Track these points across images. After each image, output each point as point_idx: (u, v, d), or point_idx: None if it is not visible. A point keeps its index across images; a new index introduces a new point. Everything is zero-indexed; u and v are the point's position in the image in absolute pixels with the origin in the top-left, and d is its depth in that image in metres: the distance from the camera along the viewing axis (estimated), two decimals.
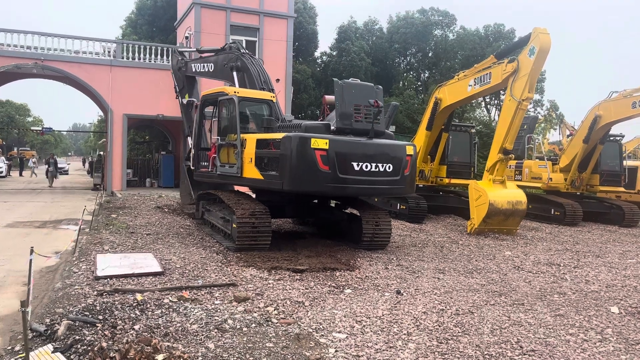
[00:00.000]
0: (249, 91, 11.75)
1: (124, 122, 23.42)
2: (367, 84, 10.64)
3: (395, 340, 5.51)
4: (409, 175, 10.60)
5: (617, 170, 19.81)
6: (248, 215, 9.91)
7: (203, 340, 5.11)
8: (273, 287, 7.44)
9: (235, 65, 12.41)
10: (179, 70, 15.93)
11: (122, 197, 19.45)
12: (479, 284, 8.32)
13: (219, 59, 13.40)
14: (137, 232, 11.54)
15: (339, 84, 10.07)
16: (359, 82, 10.63)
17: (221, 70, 13.13)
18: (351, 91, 10.09)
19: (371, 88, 10.44)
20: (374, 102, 9.90)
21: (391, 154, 10.19)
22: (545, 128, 40.89)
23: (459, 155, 18.63)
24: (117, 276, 7.47)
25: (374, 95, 10.26)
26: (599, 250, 12.41)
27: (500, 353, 5.27)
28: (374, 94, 10.31)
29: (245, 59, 12.45)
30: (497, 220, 13.83)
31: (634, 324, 6.45)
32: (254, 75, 12.04)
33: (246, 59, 12.48)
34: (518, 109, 13.46)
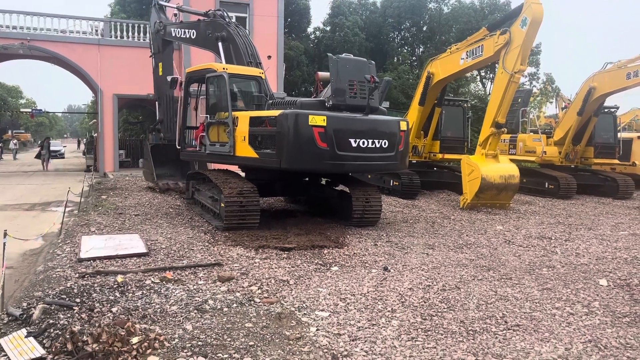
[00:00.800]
0: (237, 67, 11.49)
1: (115, 103, 23.15)
2: (361, 59, 10.43)
3: (378, 317, 5.44)
4: (403, 151, 10.51)
5: (612, 142, 19.68)
6: (236, 194, 9.79)
7: (181, 322, 5.03)
8: (259, 266, 7.35)
9: (220, 36, 11.97)
10: (156, 33, 15.21)
11: (113, 178, 19.32)
12: (468, 259, 8.25)
13: (201, 26, 12.83)
14: (125, 213, 11.43)
15: (333, 59, 9.87)
16: (353, 57, 10.42)
17: (204, 39, 12.66)
18: (346, 66, 9.90)
19: (365, 63, 10.25)
20: (370, 78, 9.71)
21: (386, 130, 10.08)
22: (541, 101, 40.61)
23: (452, 130, 18.44)
24: (101, 258, 7.38)
25: (368, 70, 10.07)
26: (592, 223, 12.35)
27: (485, 328, 5.20)
28: (368, 69, 10.11)
29: (232, 30, 12.02)
30: (490, 194, 13.74)
31: (622, 297, 6.40)
32: (241, 48, 11.70)
33: (232, 29, 12.04)
34: (510, 81, 13.25)
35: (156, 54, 15.48)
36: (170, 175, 15.48)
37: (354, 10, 41.60)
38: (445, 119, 18.15)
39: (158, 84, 15.48)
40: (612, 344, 4.85)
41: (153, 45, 15.65)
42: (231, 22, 12.46)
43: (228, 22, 12.27)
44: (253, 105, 10.87)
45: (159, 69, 15.43)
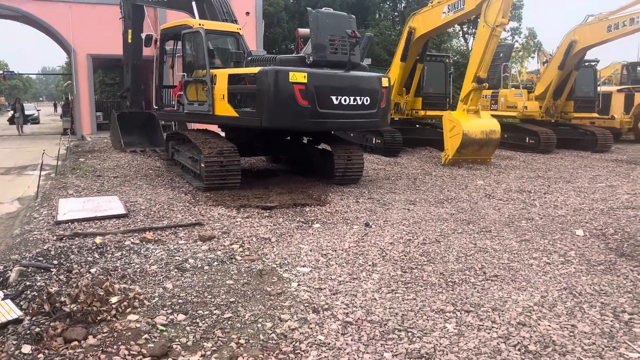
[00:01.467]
0: (214, 23, 11.17)
1: (89, 63, 22.47)
2: (341, 14, 10.19)
3: (359, 271, 5.48)
4: (385, 108, 10.40)
5: (592, 96, 19.77)
6: (216, 153, 9.67)
7: (161, 281, 5.01)
8: (240, 225, 7.33)
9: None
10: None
11: (91, 141, 18.96)
12: (449, 214, 8.32)
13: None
14: (104, 176, 11.26)
15: (313, 14, 9.60)
16: (334, 11, 10.16)
17: (177, 0, 12.30)
18: (326, 21, 9.64)
19: (346, 18, 10.00)
20: (351, 33, 9.49)
21: (368, 86, 9.93)
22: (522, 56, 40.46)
23: (434, 87, 18.32)
24: (79, 220, 7.28)
25: (349, 25, 9.82)
26: (570, 176, 12.51)
27: (464, 280, 5.28)
28: (349, 24, 9.87)
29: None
30: (471, 150, 13.79)
31: (597, 246, 6.52)
32: (216, 6, 11.37)
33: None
34: (492, 35, 13.10)
35: (126, 19, 14.90)
36: (138, 143, 15.32)
37: None
38: (427, 75, 17.99)
39: (126, 50, 15.00)
40: (586, 291, 4.96)
41: (123, 10, 15.06)
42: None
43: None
44: (231, 62, 10.63)
45: (128, 35, 14.89)
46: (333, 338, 3.96)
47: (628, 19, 15.73)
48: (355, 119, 9.86)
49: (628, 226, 7.40)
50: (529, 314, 4.43)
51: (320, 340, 3.91)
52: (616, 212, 8.37)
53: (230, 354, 3.69)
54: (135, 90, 15.50)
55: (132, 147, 15.07)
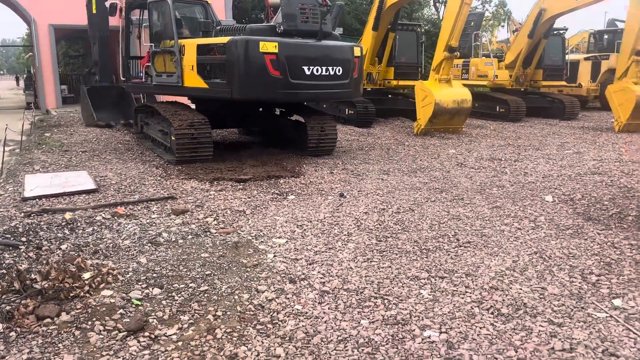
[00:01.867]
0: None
1: (51, 34, 21.62)
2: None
3: (335, 241, 5.51)
4: (357, 78, 10.31)
5: (560, 64, 20.02)
6: (186, 126, 9.50)
7: (135, 255, 4.94)
8: (214, 198, 7.26)
9: None
10: None
11: (57, 115, 18.39)
12: (422, 182, 8.40)
13: None
14: (71, 150, 10.97)
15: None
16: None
17: None
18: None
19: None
20: (322, 1, 9.34)
21: (340, 56, 9.78)
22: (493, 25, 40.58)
23: (406, 56, 18.25)
24: (47, 196, 7.09)
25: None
26: (539, 144, 12.73)
27: (437, 247, 5.36)
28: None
29: None
30: (443, 119, 13.88)
31: (566, 211, 6.69)
32: None
33: None
34: (463, 4, 13.06)
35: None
36: (110, 118, 14.86)
37: None
38: (399, 45, 17.89)
39: (92, 22, 14.43)
40: (555, 255, 5.09)
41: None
42: None
43: None
44: (200, 32, 10.37)
45: (92, 5, 14.29)
46: (310, 307, 3.98)
47: None
48: (327, 89, 9.75)
49: (594, 191, 7.60)
50: (501, 278, 4.53)
51: (298, 310, 3.93)
52: (583, 178, 8.58)
53: (208, 326, 3.68)
54: (105, 64, 14.99)
55: (105, 121, 14.63)
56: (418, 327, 3.68)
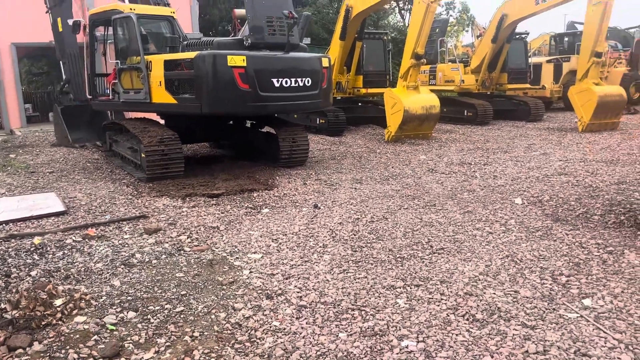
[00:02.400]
0: (146, 7, 10.76)
1: (13, 53, 21.13)
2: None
3: (310, 254, 5.52)
4: (326, 88, 10.41)
5: (523, 67, 20.54)
6: (156, 142, 9.40)
7: (108, 278, 4.86)
8: (187, 215, 7.20)
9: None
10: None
11: (21, 135, 17.96)
12: (394, 190, 8.49)
13: None
14: (38, 172, 10.72)
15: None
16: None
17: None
18: (262, 2, 9.45)
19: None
20: (288, 13, 9.38)
21: (308, 67, 9.87)
22: (457, 31, 41.36)
23: (374, 64, 18.46)
24: (14, 221, 6.91)
25: (286, 5, 9.69)
26: (507, 146, 13.01)
27: (412, 254, 5.42)
28: (285, 4, 9.72)
29: None
30: (413, 126, 14.05)
31: (535, 213, 6.85)
32: None
33: None
34: (427, 11, 13.29)
35: (53, 8, 14.00)
36: (87, 139, 14.35)
37: None
38: (366, 53, 18.09)
39: (60, 41, 14.13)
40: (526, 257, 5.21)
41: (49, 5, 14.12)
42: None
43: None
44: (166, 47, 10.30)
45: (58, 25, 14.01)
46: (288, 323, 3.98)
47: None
48: (297, 100, 9.79)
49: (562, 192, 7.80)
50: (475, 283, 4.61)
51: (276, 327, 3.93)
52: (550, 179, 8.80)
53: (185, 348, 3.64)
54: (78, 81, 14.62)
55: (81, 143, 14.15)
56: (395, 337, 3.72)
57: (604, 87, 15.46)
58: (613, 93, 15.30)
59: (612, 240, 5.62)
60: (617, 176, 8.81)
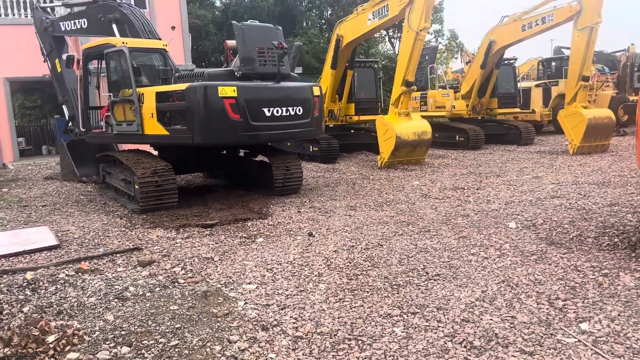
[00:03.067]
0: (138, 41, 10.89)
1: (6, 87, 21.25)
2: (267, 26, 10.20)
3: (306, 283, 5.48)
4: (318, 117, 10.51)
5: (513, 92, 20.85)
6: (150, 173, 9.41)
7: (101, 313, 4.80)
8: (181, 246, 7.16)
9: (114, 17, 11.32)
10: (44, 31, 13.92)
11: (14, 169, 17.92)
12: (389, 216, 8.49)
13: (92, 13, 12.00)
14: (31, 205, 10.67)
15: (238, 27, 9.59)
16: (259, 24, 10.18)
17: (97, 25, 11.84)
18: (252, 34, 9.64)
19: (272, 29, 10.04)
20: (277, 44, 9.57)
21: (300, 96, 9.99)
22: (447, 57, 42.02)
23: (365, 92, 18.68)
24: (7, 256, 6.84)
25: (276, 36, 9.90)
26: (499, 170, 13.10)
27: (408, 281, 5.40)
28: (275, 35, 9.93)
29: (125, 10, 11.40)
30: (405, 152, 14.15)
31: (529, 236, 6.86)
32: (137, 27, 11.12)
33: (125, 9, 11.43)
34: (416, 39, 13.52)
35: (50, 54, 14.17)
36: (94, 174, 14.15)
37: None
38: (357, 81, 18.32)
39: (60, 81, 14.21)
40: (522, 282, 5.20)
41: (44, 46, 14.21)
42: (122, 2, 11.76)
43: (119, 3, 11.60)
44: (159, 80, 10.40)
45: (56, 68, 14.16)
46: (284, 355, 3.93)
47: (540, 18, 16.72)
48: (289, 129, 9.88)
49: (555, 215, 7.83)
50: (472, 309, 4.59)
51: (272, 359, 3.88)
52: (544, 202, 8.84)
53: None
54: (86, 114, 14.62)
55: (89, 178, 14.02)
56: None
57: (592, 110, 15.69)
58: (602, 116, 15.51)
59: (606, 262, 5.63)
60: (610, 198, 8.87)
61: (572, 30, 15.37)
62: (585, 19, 15.00)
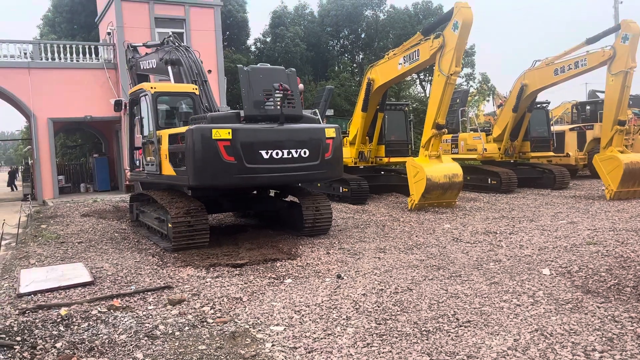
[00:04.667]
0: (167, 85, 11.43)
1: (50, 127, 22.26)
2: (277, 68, 10.35)
3: (334, 326, 5.44)
4: (332, 159, 10.26)
5: (546, 135, 20.64)
6: (183, 213, 9.58)
7: (131, 351, 4.86)
8: (210, 286, 7.22)
9: (170, 59, 11.93)
10: (130, 69, 14.91)
11: (53, 206, 18.51)
12: (419, 260, 8.40)
13: (158, 55, 12.88)
14: (67, 242, 10.97)
15: (243, 71, 9.75)
16: (269, 66, 10.34)
17: (160, 66, 12.65)
18: (258, 76, 9.74)
19: (282, 71, 10.15)
20: (278, 86, 9.57)
21: (306, 138, 9.93)
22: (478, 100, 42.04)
23: (395, 134, 18.82)
24: (43, 291, 7.03)
25: (286, 78, 9.96)
26: (533, 215, 12.85)
27: (438, 327, 5.30)
28: (285, 77, 9.99)
29: (180, 52, 12.03)
30: (436, 194, 14.06)
31: (564, 284, 6.67)
32: (186, 68, 11.69)
33: (180, 51, 12.06)
34: (447, 83, 13.65)
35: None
36: None
37: (292, 21, 41.83)
38: (388, 123, 18.50)
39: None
40: (557, 331, 5.04)
41: (132, 83, 15.19)
42: (181, 45, 12.37)
43: (177, 46, 12.22)
44: (181, 122, 10.75)
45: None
46: None
47: (573, 63, 16.69)
48: (292, 172, 9.75)
49: (591, 262, 7.61)
50: (504, 359, 4.46)
51: None
52: (579, 249, 8.61)
53: None
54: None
55: None
56: None
57: (629, 155, 15.38)
58: (639, 160, 15.16)
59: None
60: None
61: (606, 74, 15.28)
62: (619, 63, 14.93)
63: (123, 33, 22.57)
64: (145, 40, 14.88)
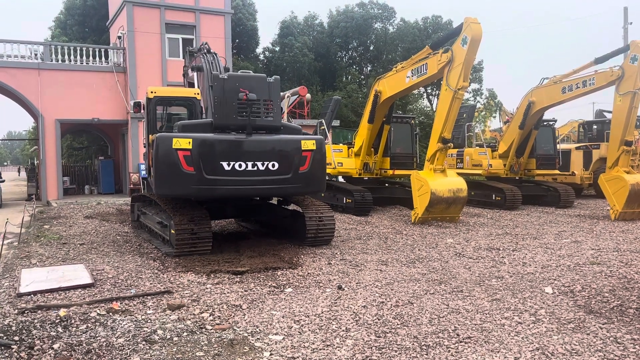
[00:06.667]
0: (169, 89, 11.54)
1: (57, 128, 22.39)
2: (258, 76, 9.79)
3: (333, 337, 5.40)
4: (308, 172, 9.68)
5: (552, 153, 20.58)
6: (187, 221, 9.53)
7: (129, 355, 4.83)
8: (210, 292, 7.19)
9: (196, 66, 11.96)
10: (184, 76, 14.60)
11: (57, 207, 18.56)
12: (420, 274, 8.35)
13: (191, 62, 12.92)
14: (69, 243, 10.98)
15: (218, 78, 9.33)
16: (250, 74, 9.88)
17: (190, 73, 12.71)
18: (235, 84, 9.29)
19: (262, 80, 9.63)
20: (242, 96, 9.13)
21: (276, 150, 9.46)
22: (485, 116, 42.05)
23: (401, 147, 18.78)
24: (43, 291, 7.02)
25: (266, 87, 9.52)
26: (537, 232, 12.78)
27: (437, 342, 5.25)
28: (265, 85, 9.52)
29: (203, 59, 12.01)
30: (440, 208, 14.02)
31: (567, 303, 6.61)
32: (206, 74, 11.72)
33: (204, 58, 12.04)
34: (454, 98, 13.65)
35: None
36: None
37: (302, 31, 42.10)
38: (394, 136, 18.48)
39: None
40: (558, 351, 4.98)
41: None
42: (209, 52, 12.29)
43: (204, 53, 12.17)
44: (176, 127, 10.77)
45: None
46: None
47: (581, 82, 16.68)
48: (258, 185, 9.35)
49: (594, 282, 7.54)
50: None
51: None
52: (582, 268, 8.55)
53: None
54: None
55: None
56: None
57: (635, 175, 15.29)
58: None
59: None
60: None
61: (614, 94, 15.26)
62: (628, 84, 14.91)
63: (134, 37, 22.75)
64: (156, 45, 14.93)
